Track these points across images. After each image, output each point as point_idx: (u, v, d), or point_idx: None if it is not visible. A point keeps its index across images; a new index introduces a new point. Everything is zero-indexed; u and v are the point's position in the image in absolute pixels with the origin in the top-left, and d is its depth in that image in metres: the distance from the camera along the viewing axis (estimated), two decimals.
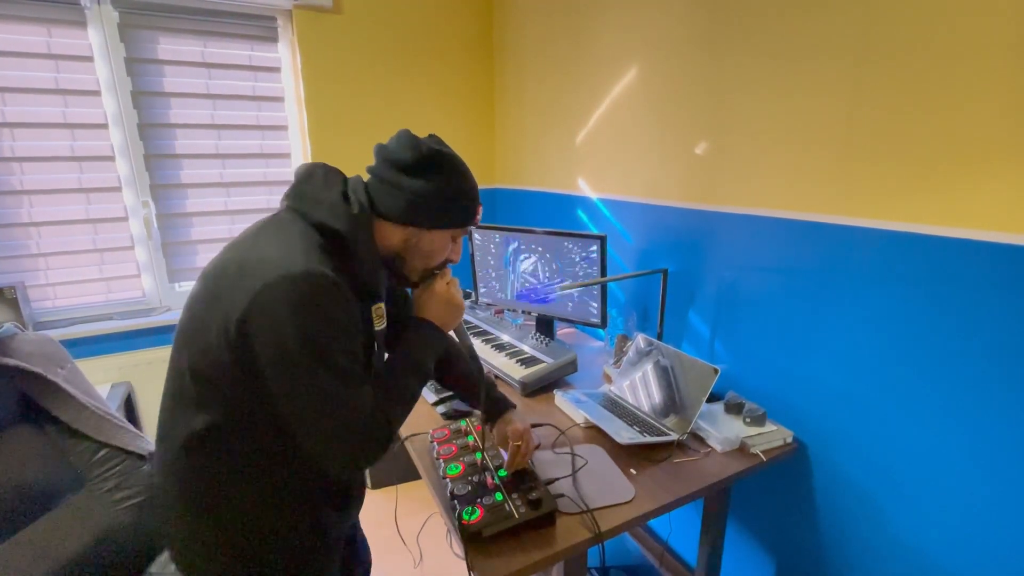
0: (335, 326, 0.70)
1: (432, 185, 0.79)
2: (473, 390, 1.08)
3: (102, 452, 1.21)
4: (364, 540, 1.13)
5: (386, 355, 0.90)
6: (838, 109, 1.09)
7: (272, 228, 0.77)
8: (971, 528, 0.97)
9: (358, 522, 1.10)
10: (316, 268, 0.68)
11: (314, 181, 0.80)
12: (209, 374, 0.72)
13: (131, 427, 1.28)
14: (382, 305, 0.90)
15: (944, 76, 0.92)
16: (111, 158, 1.88)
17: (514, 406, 1.09)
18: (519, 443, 1.00)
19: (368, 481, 2.23)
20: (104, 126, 1.85)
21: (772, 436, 1.21)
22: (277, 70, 2.09)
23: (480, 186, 2.61)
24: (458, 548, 0.90)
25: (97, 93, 1.82)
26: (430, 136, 0.84)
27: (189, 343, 0.74)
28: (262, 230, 0.77)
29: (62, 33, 1.74)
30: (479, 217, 0.88)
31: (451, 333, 0.94)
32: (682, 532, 1.67)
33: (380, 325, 0.89)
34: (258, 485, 0.77)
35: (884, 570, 1.12)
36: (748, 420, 1.24)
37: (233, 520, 0.78)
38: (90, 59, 1.79)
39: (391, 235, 0.82)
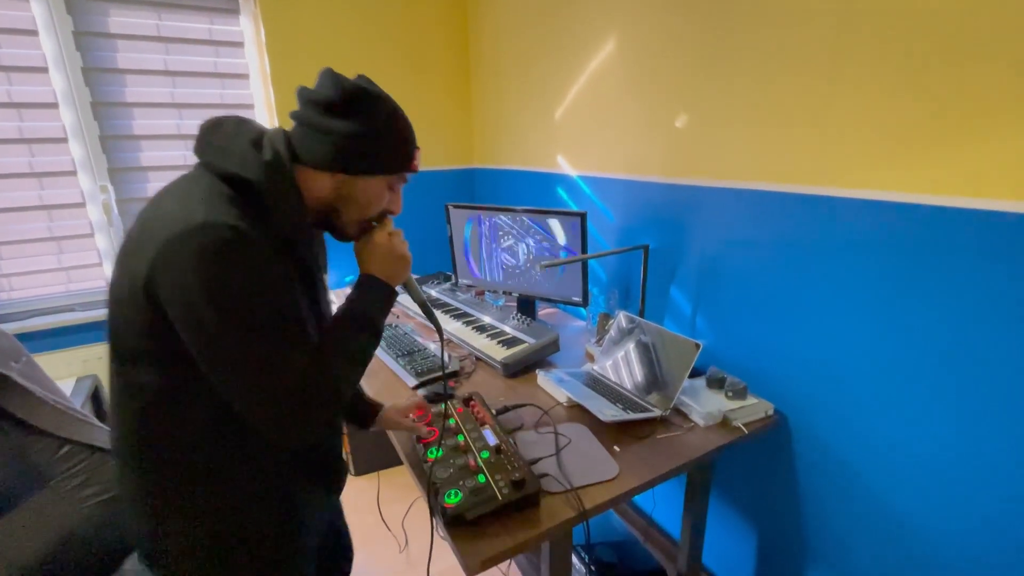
0: (245, 280, 0.63)
1: (361, 126, 0.73)
2: (359, 412, 1.07)
3: (65, 448, 1.15)
4: (348, 534, 1.10)
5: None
6: (819, 76, 1.07)
7: (177, 185, 0.70)
8: (951, 493, 0.99)
9: (341, 512, 1.06)
10: (217, 218, 0.62)
11: (222, 131, 0.72)
12: (134, 347, 0.68)
13: (96, 421, 1.22)
14: (325, 276, 0.86)
15: (927, 42, 0.90)
16: (63, 140, 1.77)
17: (380, 405, 1.09)
18: (416, 413, 1.07)
19: (352, 468, 2.20)
20: (54, 105, 1.74)
21: (753, 409, 1.21)
22: (240, 45, 1.99)
23: (458, 166, 2.60)
24: (443, 531, 0.88)
25: (44, 70, 1.70)
26: (359, 76, 0.76)
27: (112, 322, 0.69)
28: (168, 188, 0.71)
29: (2, 5, 1.61)
30: (418, 163, 0.82)
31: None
32: (665, 506, 1.69)
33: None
34: (217, 457, 0.73)
35: (865, 535, 1.14)
36: (730, 394, 1.24)
37: (197, 499, 0.73)
38: (34, 33, 1.67)
39: (320, 185, 0.75)
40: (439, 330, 0.90)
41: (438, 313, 1.79)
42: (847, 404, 1.13)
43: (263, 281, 0.65)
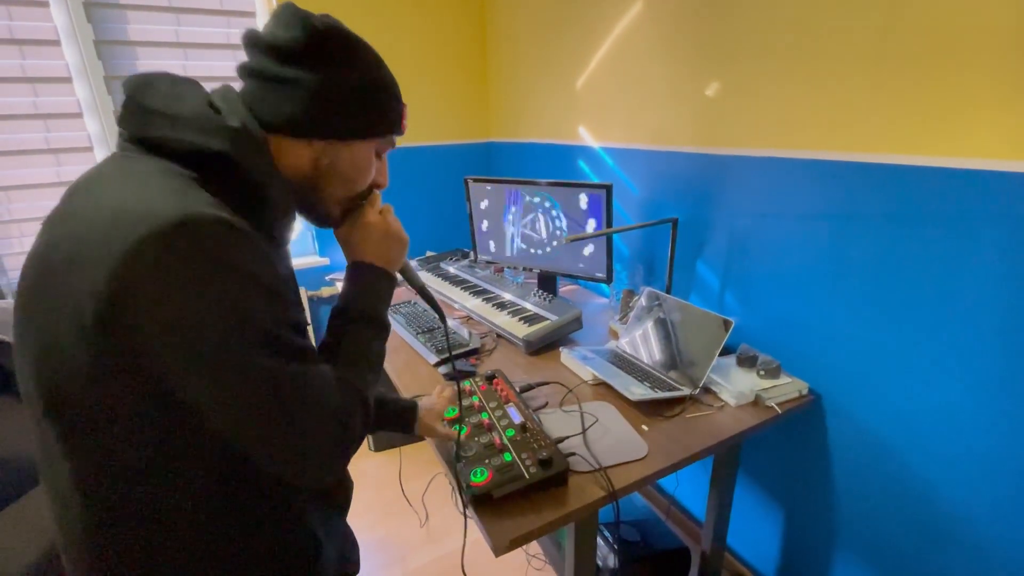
0: (251, 286, 0.49)
1: (340, 76, 0.58)
2: (397, 417, 0.96)
3: None
4: (355, 541, 0.87)
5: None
6: (866, 35, 0.99)
7: (110, 174, 0.51)
8: (996, 475, 0.94)
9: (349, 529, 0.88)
10: (199, 209, 0.46)
11: (157, 93, 0.54)
12: (86, 409, 0.49)
13: None
14: None
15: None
16: (79, 115, 1.75)
17: (415, 403, 0.98)
18: (447, 399, 1.01)
19: (371, 444, 2.22)
20: (67, 80, 1.71)
21: (787, 388, 1.17)
22: (252, 15, 1.94)
23: (474, 140, 2.53)
24: (470, 510, 0.86)
25: (57, 43, 1.67)
26: (325, 15, 0.60)
27: (32, 372, 0.50)
28: (95, 181, 0.51)
29: None
30: (406, 120, 0.68)
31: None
32: (689, 485, 1.67)
33: None
34: (222, 523, 0.57)
35: (902, 520, 1.10)
36: (762, 373, 1.20)
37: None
38: (45, 4, 1.63)
39: (295, 156, 0.60)
40: (442, 317, 0.80)
41: (457, 290, 1.76)
42: (887, 384, 1.08)
43: (268, 285, 0.51)
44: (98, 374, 0.47)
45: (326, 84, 0.57)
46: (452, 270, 1.98)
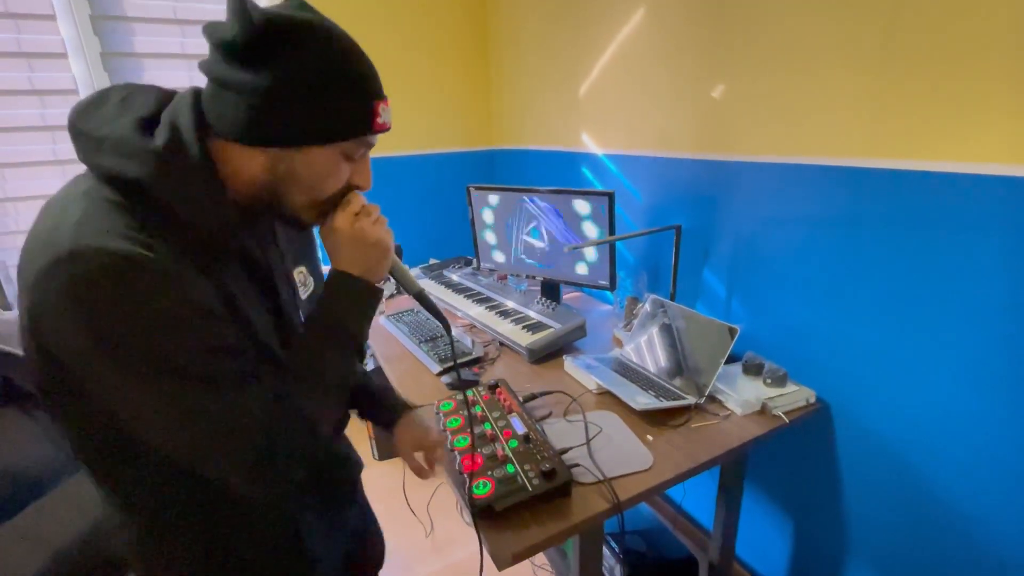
0: (140, 316, 0.48)
1: (285, 74, 0.52)
2: (375, 402, 0.95)
3: None
4: (377, 532, 0.95)
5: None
6: (871, 39, 0.98)
7: (58, 194, 0.55)
8: (1012, 482, 0.92)
9: (364, 515, 0.93)
10: (90, 241, 0.46)
11: (101, 112, 0.54)
12: (52, 398, 0.56)
13: None
14: (304, 269, 0.74)
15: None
16: None
17: (416, 406, 0.95)
18: (433, 451, 0.91)
19: (375, 453, 2.21)
20: (75, 92, 1.73)
21: (794, 396, 1.15)
22: None
23: (478, 148, 2.53)
24: (469, 517, 0.85)
25: (63, 56, 1.69)
26: (278, 4, 0.55)
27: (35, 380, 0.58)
28: (50, 199, 0.55)
29: None
30: (384, 119, 0.60)
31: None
32: (696, 494, 1.65)
33: (305, 292, 0.73)
34: (195, 499, 0.62)
35: (913, 526, 1.08)
36: (768, 381, 1.18)
37: (180, 546, 0.64)
38: (52, 18, 1.66)
39: (247, 164, 0.56)
40: (444, 324, 0.74)
41: (460, 298, 1.76)
42: (896, 391, 1.06)
43: (180, 316, 0.50)
44: (48, 389, 0.54)
45: (270, 86, 0.52)
46: (455, 278, 1.98)
